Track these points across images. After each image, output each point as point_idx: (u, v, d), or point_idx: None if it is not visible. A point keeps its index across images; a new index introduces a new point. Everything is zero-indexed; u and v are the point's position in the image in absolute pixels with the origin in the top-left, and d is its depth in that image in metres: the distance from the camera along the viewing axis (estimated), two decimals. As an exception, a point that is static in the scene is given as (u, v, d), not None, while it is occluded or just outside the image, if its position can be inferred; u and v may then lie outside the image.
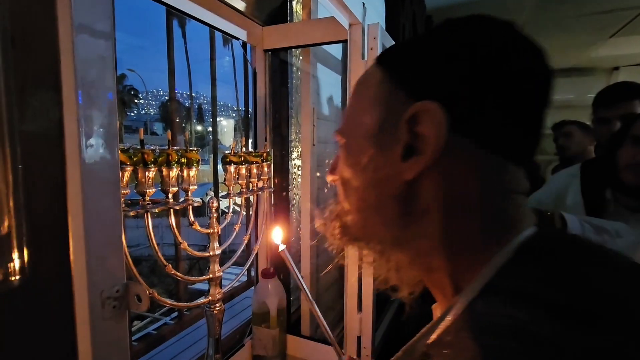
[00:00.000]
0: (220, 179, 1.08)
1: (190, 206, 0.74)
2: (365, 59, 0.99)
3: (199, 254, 0.81)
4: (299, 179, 1.28)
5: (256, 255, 1.15)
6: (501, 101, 0.33)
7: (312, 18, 1.23)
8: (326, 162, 1.49)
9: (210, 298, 0.80)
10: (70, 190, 0.41)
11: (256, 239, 1.06)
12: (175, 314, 1.32)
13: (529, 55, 0.34)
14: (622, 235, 1.02)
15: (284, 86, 1.19)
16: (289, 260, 0.77)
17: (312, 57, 1.26)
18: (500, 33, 0.35)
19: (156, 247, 0.68)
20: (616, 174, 1.14)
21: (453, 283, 0.35)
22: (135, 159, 0.61)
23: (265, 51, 1.13)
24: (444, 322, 0.32)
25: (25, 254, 0.39)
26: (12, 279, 0.38)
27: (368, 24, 0.98)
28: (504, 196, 0.35)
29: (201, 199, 0.80)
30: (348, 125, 0.42)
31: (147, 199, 0.65)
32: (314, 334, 1.24)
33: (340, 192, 0.44)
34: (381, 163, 0.37)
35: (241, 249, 1.00)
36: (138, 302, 0.47)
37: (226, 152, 0.88)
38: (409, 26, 2.16)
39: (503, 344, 0.26)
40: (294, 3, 1.19)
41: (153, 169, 0.64)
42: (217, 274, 0.81)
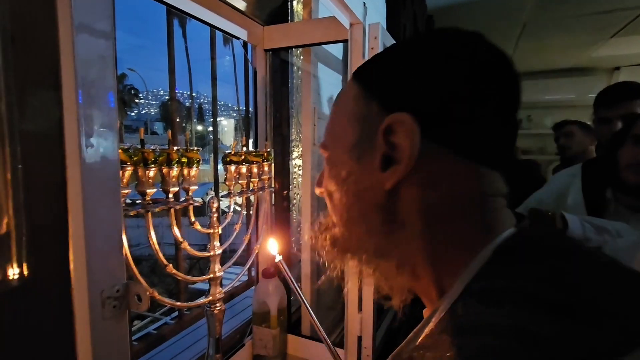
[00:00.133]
0: (221, 178, 1.08)
1: (191, 206, 0.73)
2: (366, 58, 0.98)
3: (200, 253, 0.81)
4: (299, 179, 1.28)
5: (257, 255, 1.15)
6: (471, 108, 0.34)
7: (313, 18, 1.23)
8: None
9: (210, 298, 0.80)
10: (71, 189, 0.40)
11: (257, 238, 1.06)
12: (176, 313, 1.32)
13: (495, 62, 0.36)
14: (623, 235, 1.02)
15: (285, 86, 1.19)
16: (285, 271, 0.79)
17: (313, 56, 1.26)
18: (466, 43, 0.36)
19: (156, 247, 0.68)
20: (617, 174, 1.14)
21: (437, 288, 0.36)
22: (135, 158, 0.61)
23: (266, 51, 1.13)
24: (428, 326, 0.33)
25: (25, 253, 0.38)
26: (12, 279, 0.38)
27: (369, 24, 0.98)
28: (481, 200, 0.36)
29: (202, 198, 0.80)
30: (330, 139, 0.44)
31: (148, 198, 0.65)
32: (314, 334, 1.23)
33: (328, 204, 0.45)
34: (362, 174, 0.38)
35: (242, 249, 1.00)
36: (138, 302, 0.47)
37: (227, 151, 0.88)
38: (410, 26, 2.16)
39: (479, 343, 0.26)
40: (294, 3, 1.19)
41: (153, 168, 0.64)
42: (218, 274, 0.80)
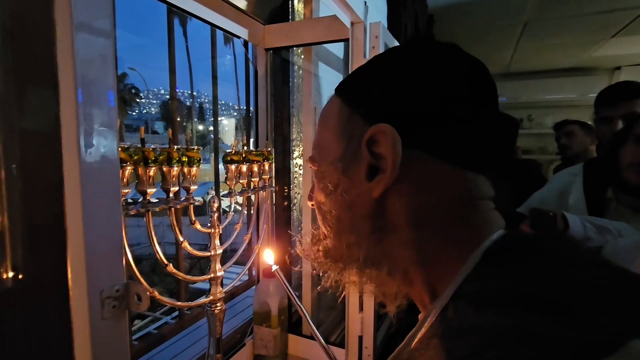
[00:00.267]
0: (222, 178, 1.08)
1: (192, 205, 0.73)
2: (367, 57, 0.98)
3: (200, 253, 0.81)
4: (300, 178, 1.28)
5: (257, 254, 1.15)
6: (449, 116, 0.35)
7: (314, 17, 1.23)
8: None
9: (211, 297, 0.80)
10: (68, 188, 0.40)
11: (257, 238, 1.06)
12: (176, 313, 1.32)
13: (471, 71, 0.37)
14: (624, 235, 1.02)
15: (286, 85, 1.19)
16: (282, 280, 0.80)
17: (314, 56, 1.26)
18: (441, 54, 0.38)
19: (157, 246, 0.68)
20: (618, 174, 1.14)
21: (429, 292, 0.37)
22: (136, 157, 0.61)
23: (267, 50, 1.13)
24: (421, 330, 0.34)
25: (21, 253, 0.38)
26: (8, 278, 0.37)
27: (370, 23, 0.98)
28: (467, 203, 0.37)
29: (202, 198, 0.80)
30: (317, 153, 0.45)
31: (148, 197, 0.65)
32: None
33: (318, 216, 0.46)
34: (349, 185, 0.39)
35: (242, 248, 1.00)
36: (138, 301, 0.46)
37: (227, 150, 0.88)
38: (410, 25, 2.15)
39: (469, 345, 0.26)
40: (295, 2, 1.18)
41: (154, 167, 0.64)
42: (218, 274, 0.80)
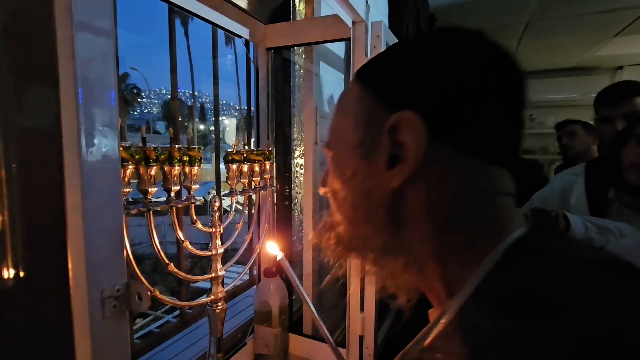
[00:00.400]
0: (223, 177, 1.08)
1: (193, 204, 0.73)
2: (369, 57, 0.98)
3: (201, 252, 0.81)
4: (301, 178, 1.28)
5: (258, 254, 1.15)
6: (476, 106, 0.34)
7: (315, 16, 1.23)
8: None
9: (212, 297, 0.80)
10: (69, 187, 0.40)
11: (258, 237, 1.06)
12: (178, 312, 1.32)
13: (499, 60, 0.36)
14: (625, 235, 1.02)
15: (287, 85, 1.19)
16: (288, 268, 0.78)
17: (315, 55, 1.25)
18: (470, 42, 0.36)
19: (158, 246, 0.68)
20: (619, 174, 1.13)
21: (446, 287, 0.36)
22: (137, 156, 0.61)
23: (268, 49, 1.13)
24: (436, 327, 0.33)
25: (21, 252, 0.38)
26: (8, 278, 0.37)
27: (371, 22, 0.98)
28: (489, 199, 0.35)
29: (203, 197, 0.80)
30: (334, 139, 0.43)
31: (149, 197, 0.65)
32: (316, 333, 1.23)
33: (332, 204, 0.45)
34: (367, 173, 0.38)
35: (243, 248, 1.00)
36: (139, 301, 0.46)
37: (228, 150, 0.88)
38: (412, 25, 2.15)
39: (490, 347, 0.26)
40: (296, 1, 1.18)
41: (155, 166, 0.64)
42: (219, 273, 0.80)
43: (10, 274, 0.38)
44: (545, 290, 0.28)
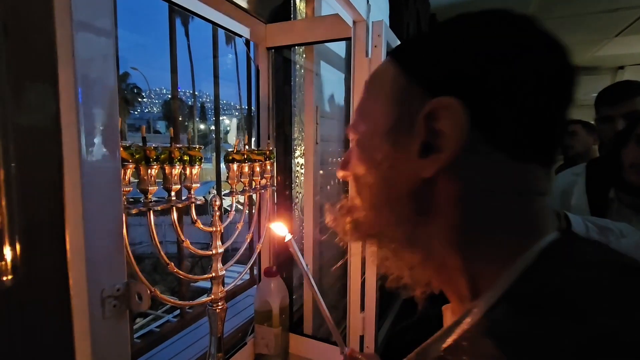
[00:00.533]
0: (223, 177, 1.08)
1: (193, 204, 0.73)
2: (370, 56, 0.98)
3: (202, 252, 0.81)
4: (301, 177, 1.28)
5: (259, 253, 1.15)
6: (523, 99, 0.31)
7: (316, 15, 1.23)
8: (329, 161, 1.49)
9: (212, 296, 0.80)
10: (69, 187, 0.40)
11: (259, 237, 1.06)
12: (178, 311, 1.32)
13: (551, 51, 0.33)
14: (626, 235, 1.02)
15: (287, 84, 1.19)
16: (295, 250, 0.74)
17: (316, 55, 1.25)
18: (521, 29, 0.33)
19: (158, 245, 0.68)
20: (620, 174, 1.13)
21: (469, 285, 0.34)
22: (137, 156, 0.61)
23: (269, 49, 1.13)
24: (460, 326, 0.31)
25: (20, 252, 0.38)
26: (7, 278, 0.37)
27: (372, 22, 0.98)
28: (523, 198, 0.33)
29: (204, 197, 0.80)
30: (362, 121, 0.41)
31: (150, 196, 0.65)
32: (316, 333, 1.23)
33: (352, 188, 0.43)
34: (397, 160, 0.36)
35: (244, 247, 1.00)
36: (139, 300, 0.46)
37: (229, 150, 0.88)
38: (413, 24, 2.15)
39: (525, 352, 0.25)
40: (297, 0, 1.18)
41: (155, 166, 0.64)
42: (220, 273, 0.80)
43: (10, 273, 0.38)
44: (582, 296, 0.27)
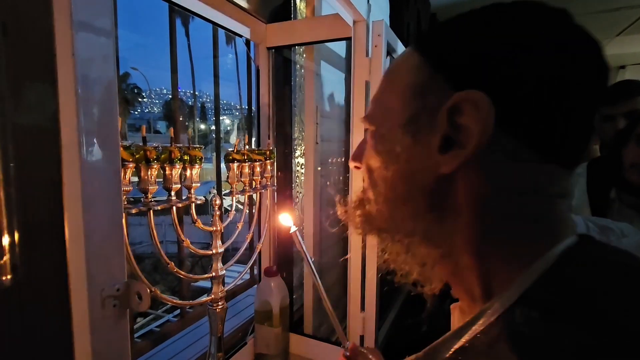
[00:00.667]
0: (224, 177, 1.08)
1: (193, 204, 0.73)
2: (370, 56, 0.98)
3: (202, 251, 0.81)
4: (302, 177, 1.28)
5: (259, 253, 1.15)
6: (554, 97, 0.30)
7: (316, 15, 1.23)
8: (329, 161, 1.49)
9: (212, 296, 0.80)
10: (68, 187, 0.40)
11: (259, 237, 1.06)
12: (178, 311, 1.32)
13: (586, 49, 0.32)
14: (627, 235, 1.01)
15: (288, 84, 1.19)
16: (300, 242, 0.74)
17: (316, 54, 1.25)
18: (557, 23, 0.32)
19: (158, 245, 0.68)
20: (621, 173, 1.13)
21: (483, 285, 0.33)
22: (137, 156, 0.61)
23: (269, 49, 1.13)
24: (474, 327, 0.30)
25: (19, 251, 0.38)
26: (6, 278, 0.37)
27: (372, 21, 0.97)
28: (546, 200, 0.32)
29: (204, 197, 0.80)
30: (379, 112, 0.39)
31: (150, 196, 0.65)
32: (316, 333, 1.23)
33: (365, 180, 0.42)
34: (415, 154, 0.35)
35: (244, 247, 1.00)
36: (139, 300, 0.46)
37: (229, 150, 0.88)
38: (413, 24, 2.15)
39: (542, 357, 0.25)
40: (297, 0, 1.18)
41: (155, 166, 0.64)
42: (220, 272, 0.80)
43: (9, 273, 0.38)
44: (602, 301, 0.26)
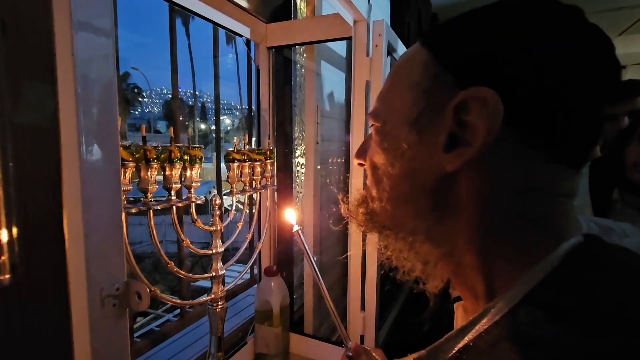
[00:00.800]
0: (224, 177, 1.08)
1: (193, 203, 0.73)
2: (370, 56, 0.98)
3: (202, 251, 0.81)
4: (302, 177, 1.27)
5: (259, 253, 1.15)
6: (563, 95, 0.30)
7: (317, 15, 1.23)
8: (329, 160, 1.48)
9: (212, 296, 0.80)
10: (68, 187, 0.40)
11: (259, 236, 1.06)
12: (178, 311, 1.32)
13: (598, 47, 0.31)
14: (629, 235, 1.01)
15: (288, 84, 1.19)
16: (302, 241, 0.74)
17: (316, 54, 1.25)
18: (565, 20, 0.31)
19: (158, 245, 0.68)
20: (623, 173, 1.13)
21: (486, 284, 0.33)
22: (137, 155, 0.61)
23: (269, 48, 1.13)
24: (477, 326, 0.30)
25: (18, 251, 0.38)
26: (4, 277, 0.37)
27: (373, 21, 0.97)
28: (551, 199, 0.32)
29: (204, 196, 0.80)
30: (385, 109, 0.39)
31: (150, 196, 0.65)
32: (317, 332, 1.23)
33: (369, 177, 0.41)
34: (420, 151, 0.34)
35: (244, 247, 1.00)
36: (138, 300, 0.46)
37: (229, 149, 0.88)
38: (414, 24, 2.14)
39: (545, 358, 0.25)
40: (297, 0, 1.18)
41: (155, 165, 0.64)
42: (220, 272, 0.80)
43: (8, 272, 0.37)
44: (608, 303, 0.26)
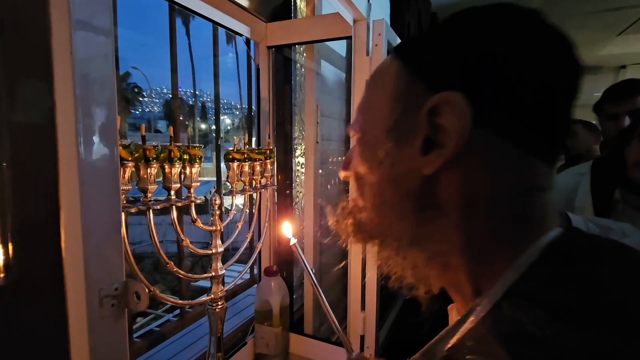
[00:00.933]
0: (224, 176, 1.08)
1: (193, 203, 0.73)
2: (370, 55, 0.97)
3: (202, 251, 0.81)
4: (302, 177, 1.27)
5: (259, 252, 1.15)
6: (527, 93, 0.31)
7: (316, 14, 1.22)
8: (329, 160, 1.48)
9: (212, 296, 0.80)
10: (66, 186, 0.40)
11: (259, 236, 1.06)
12: (178, 311, 1.32)
13: (557, 47, 0.33)
14: (628, 235, 1.01)
15: (288, 83, 1.19)
16: (300, 254, 0.75)
17: (316, 54, 1.25)
18: (525, 23, 0.33)
19: (158, 245, 0.68)
20: (624, 172, 1.13)
21: (472, 283, 0.34)
22: (136, 154, 0.61)
23: (269, 48, 1.12)
24: (464, 325, 0.31)
25: (15, 251, 0.38)
26: (1, 277, 0.37)
27: (373, 20, 0.97)
28: (528, 194, 0.33)
29: (204, 196, 0.80)
30: (363, 119, 0.40)
31: (149, 195, 0.65)
32: (316, 333, 1.23)
33: (354, 188, 0.42)
34: (399, 157, 0.35)
35: (244, 247, 1.00)
36: (137, 300, 0.46)
37: (229, 149, 0.87)
38: (414, 24, 2.14)
39: (533, 352, 0.25)
40: (298, -1, 1.18)
41: (155, 165, 0.64)
42: (220, 272, 0.80)
43: (5, 272, 0.37)
44: (590, 293, 0.27)
